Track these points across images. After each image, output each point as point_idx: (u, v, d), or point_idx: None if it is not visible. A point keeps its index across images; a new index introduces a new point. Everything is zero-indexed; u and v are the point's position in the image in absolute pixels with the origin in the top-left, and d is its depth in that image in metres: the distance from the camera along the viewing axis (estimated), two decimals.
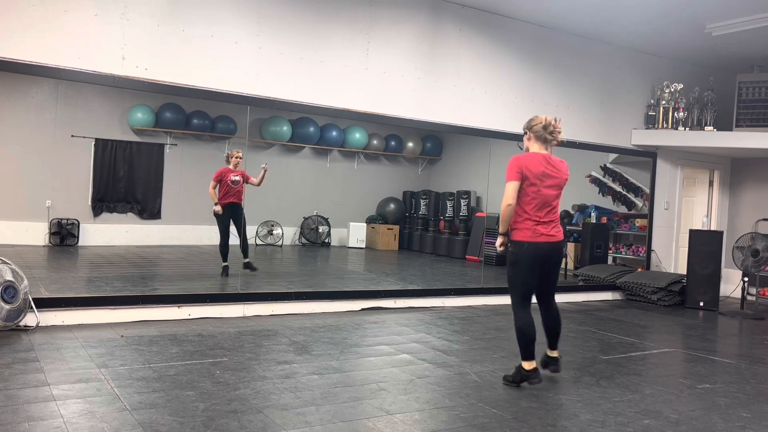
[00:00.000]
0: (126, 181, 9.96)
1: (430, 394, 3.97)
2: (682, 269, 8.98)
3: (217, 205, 7.64)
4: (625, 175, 9.74)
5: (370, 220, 12.80)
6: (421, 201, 12.83)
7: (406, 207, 13.11)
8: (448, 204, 12.24)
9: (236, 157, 7.77)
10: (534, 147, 4.27)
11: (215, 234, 7.75)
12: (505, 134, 7.71)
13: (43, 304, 5.20)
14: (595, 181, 9.98)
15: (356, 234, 12.19)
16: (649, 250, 9.10)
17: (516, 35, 7.88)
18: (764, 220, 9.15)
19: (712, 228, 9.56)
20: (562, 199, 4.42)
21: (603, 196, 9.97)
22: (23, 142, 9.12)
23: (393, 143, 12.53)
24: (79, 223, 9.49)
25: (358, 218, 12.59)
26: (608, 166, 9.79)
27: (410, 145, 12.76)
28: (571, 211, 10.29)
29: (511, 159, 4.19)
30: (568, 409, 3.81)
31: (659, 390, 4.33)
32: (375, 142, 12.29)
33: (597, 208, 9.95)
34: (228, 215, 7.68)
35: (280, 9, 6.38)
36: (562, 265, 9.01)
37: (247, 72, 6.22)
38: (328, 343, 5.14)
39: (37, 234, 9.20)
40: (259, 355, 4.62)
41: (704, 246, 8.20)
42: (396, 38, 7.07)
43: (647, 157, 9.10)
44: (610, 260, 9.66)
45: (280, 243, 11.14)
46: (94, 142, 9.66)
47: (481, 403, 3.81)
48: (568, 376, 4.53)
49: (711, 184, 9.87)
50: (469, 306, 7.37)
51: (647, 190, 9.24)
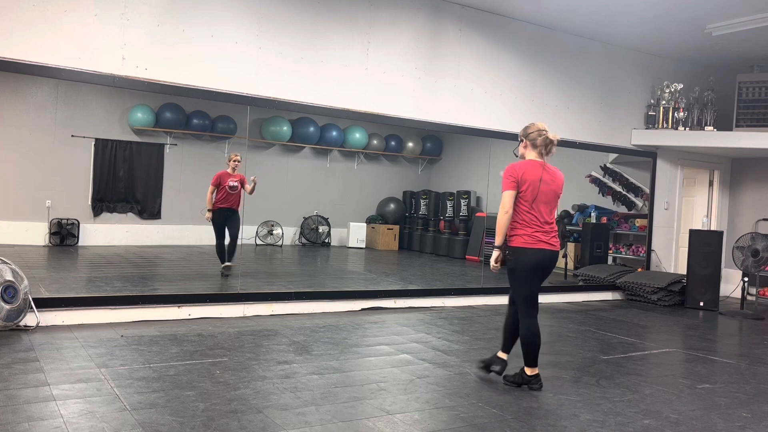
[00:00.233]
0: (126, 181, 9.95)
1: (430, 394, 3.97)
2: (682, 269, 8.98)
3: (209, 212, 7.61)
4: (625, 175, 9.74)
5: (370, 220, 12.80)
6: (421, 201, 12.82)
7: (406, 207, 13.11)
8: (448, 204, 12.24)
9: (234, 160, 7.69)
10: (530, 155, 4.23)
11: (214, 234, 7.75)
12: (505, 134, 7.71)
13: (43, 304, 5.20)
14: (595, 181, 9.97)
15: (356, 234, 12.19)
16: (649, 250, 9.10)
17: (516, 35, 7.89)
18: (764, 220, 9.15)
19: (712, 228, 9.57)
20: (563, 199, 4.40)
21: (603, 196, 9.97)
22: (23, 142, 9.12)
23: (393, 143, 12.52)
24: (79, 223, 9.48)
25: (358, 218, 12.58)
26: (608, 166, 9.79)
27: (410, 145, 12.76)
28: (571, 211, 10.29)
29: (507, 168, 4.17)
30: (568, 409, 3.81)
31: (659, 390, 4.33)
32: (375, 142, 12.28)
33: (597, 208, 9.95)
34: (222, 220, 7.65)
35: (280, 9, 6.38)
36: (562, 265, 9.23)
37: (247, 72, 6.22)
38: (328, 343, 5.14)
39: (37, 234, 9.20)
40: (259, 355, 4.62)
41: (704, 246, 8.21)
42: (396, 38, 7.07)
43: (647, 157, 9.10)
44: (610, 260, 9.66)
45: (280, 243, 11.13)
46: (94, 142, 9.66)
47: (481, 403, 3.82)
48: (568, 376, 4.53)
49: (711, 184, 9.87)
50: (469, 306, 7.37)
51: (647, 190, 9.24)
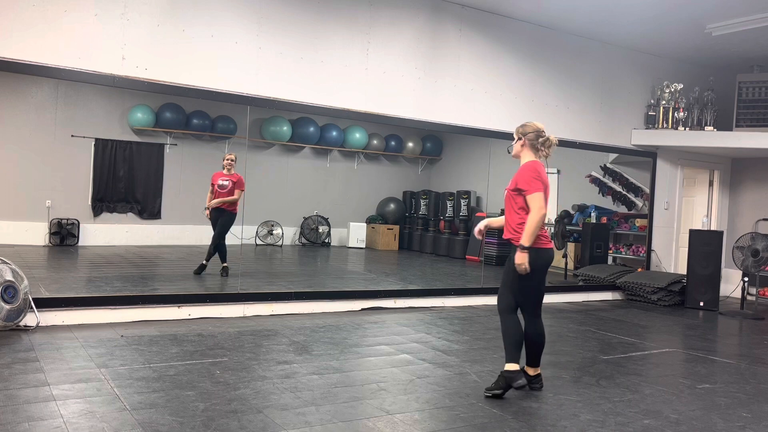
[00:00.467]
0: (126, 181, 9.95)
1: (430, 394, 3.96)
2: (682, 269, 8.98)
3: (207, 210, 7.63)
4: (625, 175, 9.74)
5: (370, 220, 12.80)
6: (421, 201, 12.82)
7: (406, 207, 13.11)
8: (448, 204, 12.24)
9: (226, 159, 7.69)
10: (528, 155, 4.11)
11: None
12: (505, 134, 7.70)
13: (43, 304, 5.20)
14: (595, 181, 9.97)
15: (356, 234, 12.19)
16: (649, 250, 9.10)
17: (516, 35, 7.88)
18: (764, 220, 9.15)
19: (712, 228, 9.56)
20: (563, 199, 4.40)
21: (603, 196, 9.97)
22: (23, 142, 9.12)
23: (393, 143, 12.52)
24: (79, 223, 9.48)
25: (358, 218, 12.59)
26: (608, 166, 9.79)
27: (410, 145, 12.76)
28: (571, 211, 10.29)
29: (530, 168, 4.00)
30: (568, 409, 3.81)
31: (659, 390, 4.33)
32: (375, 142, 12.28)
33: (597, 208, 9.95)
34: (215, 218, 7.64)
35: (280, 9, 6.38)
36: (562, 265, 9.23)
37: (247, 72, 6.22)
38: (328, 343, 5.14)
39: (37, 234, 9.20)
40: (259, 355, 4.62)
41: (704, 246, 8.21)
42: (396, 38, 7.07)
43: (647, 157, 9.10)
44: (610, 260, 9.66)
45: (280, 243, 11.13)
46: (94, 142, 9.66)
47: (481, 403, 3.81)
48: (568, 376, 4.53)
49: (711, 184, 9.87)
50: (469, 306, 7.37)
51: (647, 190, 9.23)
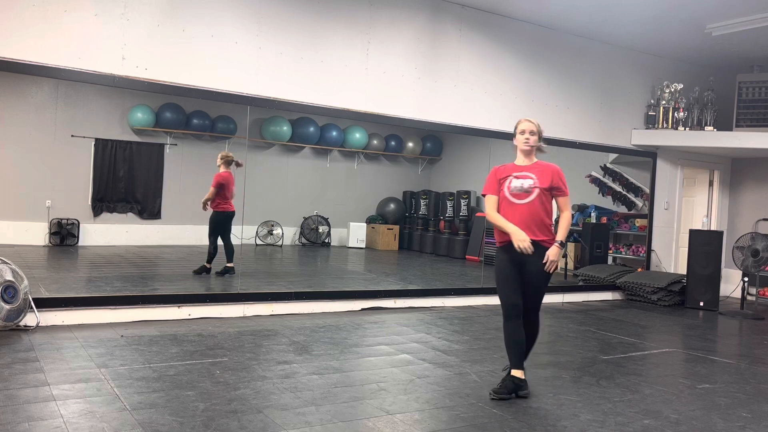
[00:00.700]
0: (126, 181, 9.95)
1: (430, 394, 3.96)
2: (682, 269, 8.98)
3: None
4: (625, 175, 9.74)
5: (370, 220, 12.79)
6: (421, 201, 12.82)
7: (406, 207, 13.10)
8: (448, 204, 12.24)
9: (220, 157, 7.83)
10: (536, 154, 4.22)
11: None
12: (505, 134, 7.69)
13: (43, 304, 5.20)
14: (595, 181, 9.97)
15: (356, 234, 12.19)
16: (649, 250, 9.10)
17: (516, 35, 7.88)
18: (764, 220, 9.15)
19: (712, 228, 9.56)
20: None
21: (603, 196, 9.96)
22: (23, 142, 9.11)
23: (393, 143, 12.51)
24: (79, 223, 9.48)
25: (358, 218, 12.58)
26: (608, 166, 9.79)
27: (410, 145, 12.75)
28: (571, 211, 10.28)
29: (561, 171, 4.20)
30: (568, 409, 3.81)
31: (659, 390, 4.33)
32: (375, 142, 12.28)
33: (597, 208, 9.95)
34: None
35: (280, 9, 6.38)
36: (562, 265, 9.22)
37: (247, 72, 6.22)
38: (328, 343, 5.14)
39: (37, 234, 9.19)
40: (259, 355, 4.62)
41: (704, 246, 8.21)
42: (396, 38, 7.06)
43: (647, 157, 9.10)
44: (610, 260, 9.66)
45: (280, 243, 11.13)
46: (94, 142, 9.65)
47: (481, 403, 3.81)
48: (568, 376, 4.53)
49: (711, 184, 9.87)
50: (469, 306, 7.37)
51: (647, 190, 9.23)
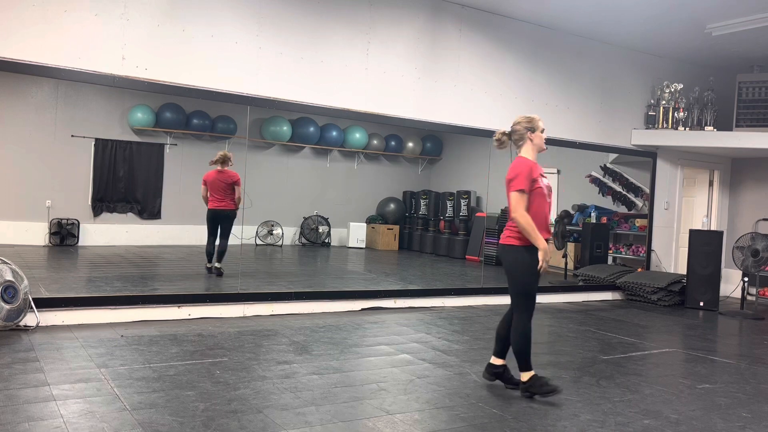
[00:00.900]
0: (126, 181, 9.96)
1: (430, 394, 3.97)
2: (682, 269, 8.98)
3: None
4: (625, 175, 9.74)
5: (370, 220, 12.80)
6: (421, 201, 12.82)
7: (406, 207, 13.11)
8: (448, 204, 12.24)
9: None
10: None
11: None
12: None
13: (43, 304, 5.20)
14: (595, 181, 9.97)
15: (356, 234, 12.19)
16: (649, 250, 9.10)
17: (516, 35, 7.88)
18: (764, 220, 9.15)
19: (712, 228, 9.56)
20: (563, 198, 4.40)
21: (603, 196, 9.97)
22: (23, 142, 9.12)
23: (393, 143, 12.52)
24: (79, 223, 9.48)
25: (358, 218, 12.59)
26: (608, 166, 9.79)
27: (410, 145, 12.76)
28: (571, 211, 10.29)
29: None
30: (568, 409, 3.81)
31: (659, 390, 4.33)
32: (375, 142, 12.28)
33: (597, 208, 9.95)
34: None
35: (280, 9, 6.38)
36: (562, 265, 9.23)
37: (247, 72, 6.22)
38: (328, 343, 5.14)
39: (37, 234, 9.20)
40: (259, 355, 4.62)
41: (704, 246, 8.20)
42: (396, 38, 7.07)
43: (647, 157, 9.10)
44: (610, 260, 9.66)
45: (280, 243, 11.13)
46: (94, 142, 9.67)
47: (481, 403, 3.81)
48: (568, 376, 4.53)
49: (711, 184, 9.87)
50: (469, 306, 7.37)
51: (647, 190, 9.23)
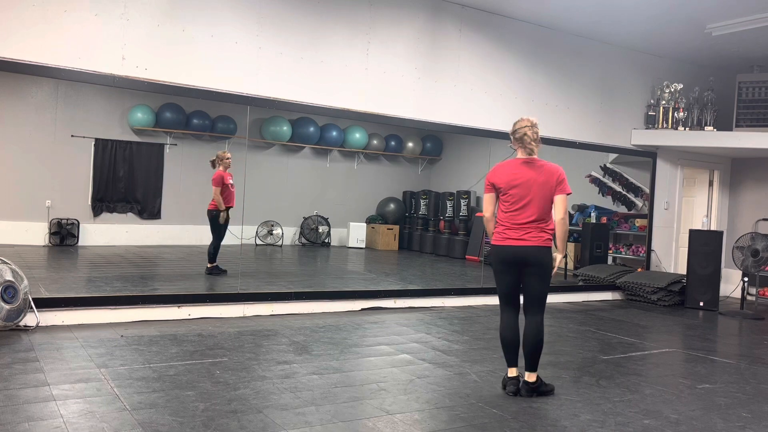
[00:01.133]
0: (126, 181, 9.96)
1: (430, 394, 3.96)
2: (682, 269, 8.98)
3: (225, 212, 7.61)
4: (625, 175, 9.74)
5: (370, 220, 12.80)
6: (421, 201, 12.82)
7: (406, 207, 13.11)
8: (448, 204, 12.24)
9: (229, 158, 7.72)
10: (519, 153, 4.31)
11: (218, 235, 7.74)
12: (505, 134, 7.66)
13: (43, 304, 5.20)
14: (595, 181, 9.97)
15: (356, 234, 12.19)
16: (649, 250, 9.10)
17: (516, 35, 7.88)
18: (764, 220, 9.15)
19: (712, 228, 9.56)
20: None
21: (603, 196, 9.97)
22: (23, 142, 9.12)
23: (393, 143, 12.52)
24: (79, 223, 9.48)
25: (358, 218, 12.59)
26: (608, 166, 9.79)
27: (410, 145, 12.76)
28: (571, 211, 10.30)
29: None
30: (568, 409, 3.81)
31: (659, 390, 4.33)
32: (375, 142, 12.29)
33: (597, 208, 9.95)
34: (227, 219, 7.66)
35: (280, 9, 6.38)
36: (562, 265, 9.19)
37: (247, 72, 6.22)
38: (328, 343, 5.14)
39: (37, 234, 9.20)
40: (259, 355, 4.62)
41: (704, 246, 8.20)
42: (396, 38, 7.06)
43: (647, 157, 9.10)
44: (610, 260, 9.66)
45: (280, 243, 11.14)
46: (94, 142, 9.67)
47: (481, 403, 3.81)
48: (568, 376, 4.53)
49: (711, 184, 9.87)
50: (469, 306, 7.37)
51: (647, 190, 9.23)
